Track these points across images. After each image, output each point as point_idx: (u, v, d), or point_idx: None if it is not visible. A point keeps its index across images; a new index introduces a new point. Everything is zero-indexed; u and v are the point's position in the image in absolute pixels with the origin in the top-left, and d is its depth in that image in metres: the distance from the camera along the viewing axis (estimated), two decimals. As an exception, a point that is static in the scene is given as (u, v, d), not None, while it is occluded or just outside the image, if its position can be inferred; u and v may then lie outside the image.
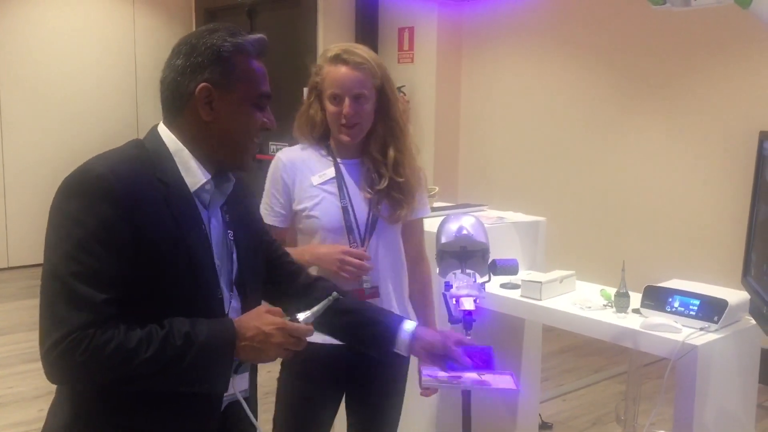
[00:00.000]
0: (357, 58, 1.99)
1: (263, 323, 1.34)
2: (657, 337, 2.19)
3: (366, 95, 2.00)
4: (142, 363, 1.24)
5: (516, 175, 5.69)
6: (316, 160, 2.09)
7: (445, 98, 5.96)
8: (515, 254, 2.81)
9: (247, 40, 1.41)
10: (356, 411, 2.18)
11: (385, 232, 2.09)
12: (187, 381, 1.31)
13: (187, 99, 1.37)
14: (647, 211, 4.89)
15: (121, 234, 1.26)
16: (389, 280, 2.11)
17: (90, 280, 1.23)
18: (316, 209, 2.04)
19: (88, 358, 1.21)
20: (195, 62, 1.36)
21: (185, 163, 1.39)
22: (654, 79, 4.83)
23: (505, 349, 2.94)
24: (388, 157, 2.04)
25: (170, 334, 1.27)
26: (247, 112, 1.40)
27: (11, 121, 6.40)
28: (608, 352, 4.69)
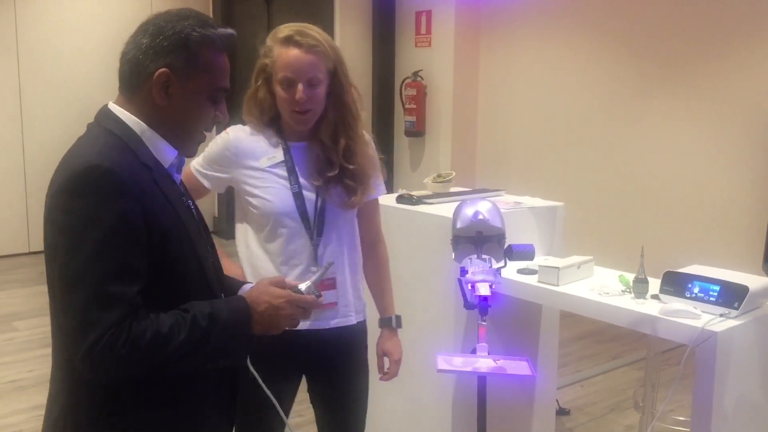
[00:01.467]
0: (310, 40, 1.92)
1: (272, 297, 1.41)
2: (676, 324, 2.16)
3: (320, 79, 1.94)
4: (177, 347, 1.28)
5: (534, 160, 5.65)
6: (264, 143, 2.03)
7: (463, 82, 5.92)
8: (532, 239, 2.79)
9: (217, 33, 1.41)
10: (320, 396, 2.16)
11: (339, 218, 2.03)
12: (213, 359, 1.36)
13: (145, 79, 1.37)
14: (667, 196, 4.84)
15: (138, 224, 1.28)
16: (345, 268, 2.06)
17: (120, 276, 1.25)
18: (267, 192, 1.99)
19: (129, 350, 1.23)
20: (159, 45, 1.36)
21: (154, 144, 1.40)
22: (674, 63, 4.76)
23: (522, 335, 2.92)
24: (339, 145, 1.99)
25: (196, 317, 1.31)
26: (202, 103, 1.41)
27: (32, 113, 6.45)
28: (627, 338, 4.66)
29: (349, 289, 2.07)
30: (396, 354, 2.14)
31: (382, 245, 2.21)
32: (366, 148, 2.05)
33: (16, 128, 6.47)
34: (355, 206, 2.04)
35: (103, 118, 1.40)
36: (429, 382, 2.81)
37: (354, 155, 2.00)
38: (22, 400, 3.74)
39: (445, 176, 3.30)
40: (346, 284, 2.07)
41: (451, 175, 3.31)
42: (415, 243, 2.90)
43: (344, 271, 2.06)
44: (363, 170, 2.02)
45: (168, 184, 1.40)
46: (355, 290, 2.10)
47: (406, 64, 6.13)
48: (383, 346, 2.14)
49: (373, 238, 2.18)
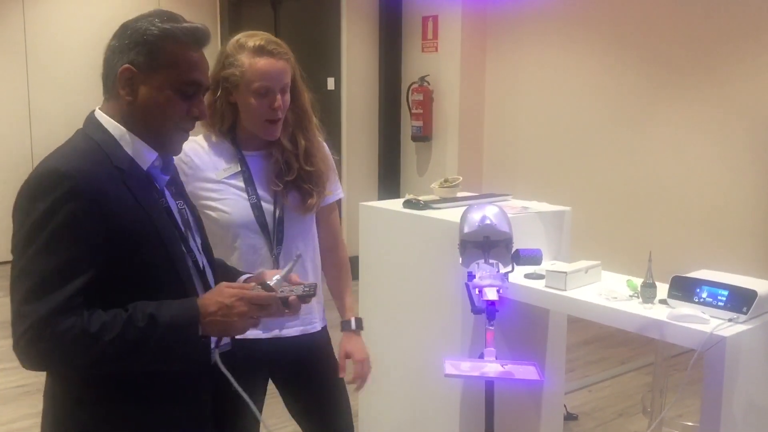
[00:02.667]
0: (280, 48, 1.96)
1: (224, 296, 1.39)
2: (684, 329, 2.15)
3: (289, 85, 1.98)
4: (106, 346, 1.29)
5: (541, 165, 5.65)
6: (219, 153, 2.01)
7: (470, 87, 5.92)
8: (540, 244, 2.79)
9: (179, 27, 1.43)
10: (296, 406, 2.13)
11: (298, 225, 2.03)
12: (156, 361, 1.36)
13: (114, 79, 1.42)
14: (674, 200, 4.83)
15: (91, 226, 1.31)
16: (308, 275, 2.05)
17: (60, 274, 1.28)
18: (225, 204, 1.97)
19: (51, 346, 1.27)
20: (123, 43, 1.41)
21: (131, 146, 1.43)
22: (681, 69, 4.75)
23: (530, 340, 2.92)
24: (299, 147, 2.00)
25: (133, 317, 1.32)
26: (169, 98, 1.42)
27: (40, 113, 6.48)
28: (634, 343, 4.64)
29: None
30: (358, 354, 2.12)
31: (341, 248, 2.21)
32: (322, 150, 2.08)
33: (25, 128, 6.49)
34: (313, 210, 2.05)
35: (87, 123, 1.46)
36: (436, 387, 2.81)
37: (312, 157, 2.03)
38: (30, 405, 3.75)
39: (452, 181, 3.30)
40: None
41: (458, 180, 3.31)
42: (421, 248, 2.90)
43: (306, 278, 2.03)
44: (320, 173, 2.04)
45: (142, 186, 1.43)
46: (318, 297, 2.09)
47: (412, 69, 6.14)
48: (345, 347, 2.13)
49: (332, 242, 2.19)
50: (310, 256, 2.09)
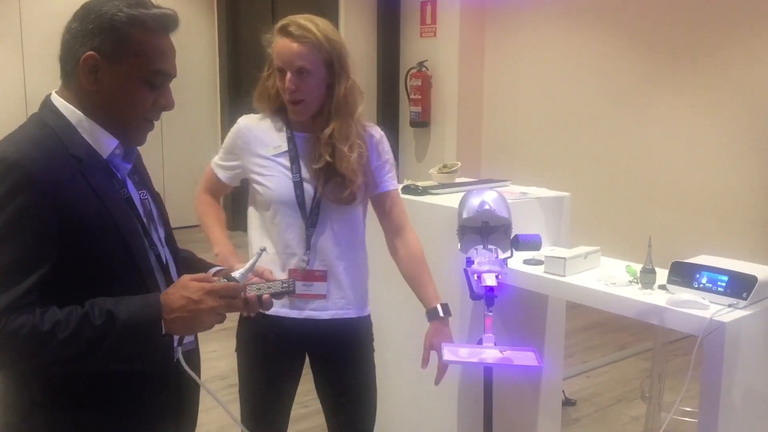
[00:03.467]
0: (301, 30, 1.93)
1: (190, 291, 1.31)
2: (684, 314, 2.14)
3: (309, 70, 1.93)
4: (60, 344, 1.22)
5: (540, 150, 5.63)
6: (272, 131, 2.07)
7: (468, 72, 5.88)
8: (539, 230, 2.77)
9: (148, 13, 1.34)
10: (324, 387, 2.16)
11: (333, 212, 2.02)
12: (116, 359, 1.28)
13: (75, 65, 1.33)
14: (674, 185, 4.81)
15: (44, 218, 1.24)
16: (341, 263, 2.05)
17: (11, 269, 1.23)
18: (269, 180, 2.02)
19: (1, 344, 1.21)
20: (86, 28, 1.32)
21: (91, 133, 1.36)
22: (681, 51, 4.72)
23: (528, 326, 2.91)
24: (323, 135, 1.98)
25: (89, 314, 1.25)
26: (135, 87, 1.35)
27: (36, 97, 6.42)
28: (633, 328, 4.65)
29: (344, 283, 2.06)
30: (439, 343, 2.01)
31: (410, 236, 2.15)
32: (344, 144, 1.99)
33: (21, 113, 6.42)
34: (346, 202, 2.01)
35: (42, 108, 1.39)
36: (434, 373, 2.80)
37: (337, 149, 1.98)
38: None
39: (450, 167, 3.29)
40: (341, 278, 2.06)
41: (456, 166, 3.30)
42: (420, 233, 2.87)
43: (339, 265, 2.05)
44: (348, 165, 1.98)
45: (100, 176, 1.35)
46: (354, 285, 2.09)
47: (411, 55, 6.10)
48: (431, 339, 2.04)
49: (394, 232, 2.15)
50: (349, 246, 2.07)
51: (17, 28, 6.50)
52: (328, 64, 1.96)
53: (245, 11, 7.32)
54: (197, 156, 7.64)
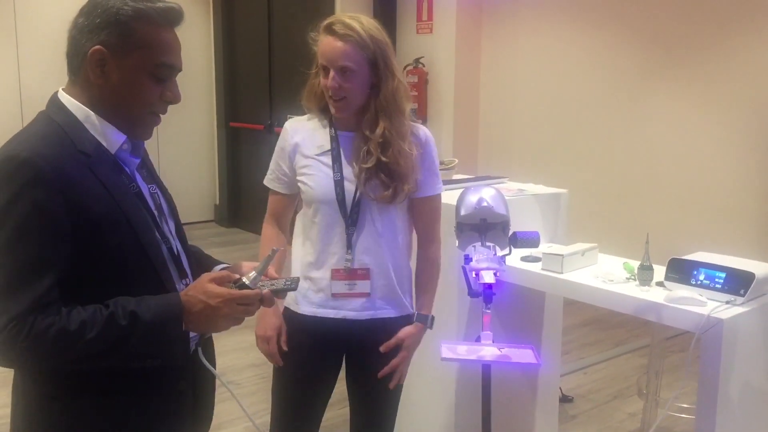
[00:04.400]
0: (346, 29, 1.93)
1: (209, 297, 1.33)
2: (681, 311, 2.14)
3: (352, 68, 1.93)
4: (87, 344, 1.24)
5: (537, 147, 5.62)
6: (318, 130, 2.08)
7: (465, 69, 5.88)
8: (536, 227, 2.77)
9: (153, 6, 1.35)
10: (356, 384, 2.18)
11: (374, 211, 2.03)
12: (137, 358, 1.31)
13: (82, 59, 1.34)
14: (671, 182, 4.81)
15: (56, 215, 1.25)
16: (386, 260, 2.05)
17: (30, 267, 1.23)
18: (312, 179, 2.03)
19: (30, 344, 1.22)
20: (93, 23, 1.33)
21: (98, 128, 1.37)
22: (677, 47, 4.72)
23: (526, 323, 2.91)
24: (375, 135, 1.97)
25: (115, 314, 1.27)
26: (142, 80, 1.36)
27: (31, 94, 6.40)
28: (629, 325, 4.65)
29: (386, 282, 2.07)
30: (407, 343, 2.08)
31: (432, 245, 2.16)
32: (403, 142, 1.99)
33: (16, 110, 6.41)
34: (389, 201, 2.01)
35: (50, 105, 1.39)
36: (432, 370, 2.80)
37: (390, 148, 1.98)
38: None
39: (447, 163, 3.28)
40: (383, 277, 2.06)
41: (453, 163, 3.29)
42: (417, 231, 2.88)
43: (380, 265, 2.05)
44: (398, 164, 1.98)
45: (110, 170, 1.36)
46: (395, 284, 2.08)
47: (407, 51, 6.09)
48: (404, 335, 2.08)
49: (425, 238, 2.16)
50: (390, 245, 2.06)
51: (12, 26, 6.46)
52: (371, 63, 1.96)
53: (241, 7, 7.30)
54: (193, 152, 7.65)
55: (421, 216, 2.14)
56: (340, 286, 2.02)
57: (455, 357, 1.68)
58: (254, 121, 7.07)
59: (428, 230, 2.16)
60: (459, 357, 1.69)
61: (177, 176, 7.05)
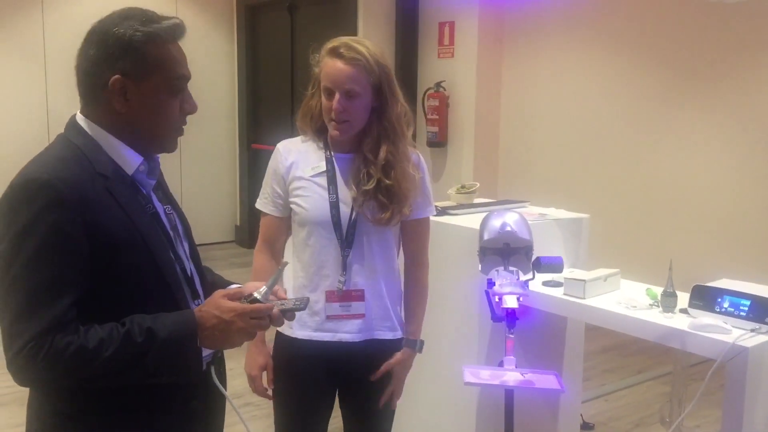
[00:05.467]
0: (353, 53, 1.94)
1: (222, 311, 1.35)
2: (706, 338, 2.13)
3: (358, 92, 1.95)
4: (104, 362, 1.26)
5: (557, 171, 5.61)
6: (312, 152, 2.07)
7: (486, 93, 5.90)
8: (558, 251, 2.77)
9: (160, 26, 1.38)
10: (350, 406, 2.17)
11: (371, 233, 2.03)
12: (153, 374, 1.33)
13: (101, 89, 1.37)
14: (694, 208, 4.78)
15: (75, 236, 1.27)
16: (380, 282, 2.05)
17: (49, 289, 1.25)
18: (306, 201, 2.03)
19: (49, 363, 1.24)
20: (106, 53, 1.35)
21: (115, 151, 1.39)
22: (700, 74, 4.71)
23: (547, 348, 2.89)
24: (379, 158, 1.98)
25: (131, 332, 1.29)
26: (163, 100, 1.39)
27: (58, 115, 6.52)
28: (651, 352, 4.60)
29: (381, 304, 2.06)
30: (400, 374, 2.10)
31: (422, 269, 2.17)
32: (407, 165, 2.02)
33: (43, 130, 6.52)
34: (385, 223, 2.01)
35: (69, 129, 1.42)
36: (452, 395, 2.79)
37: (393, 171, 1.99)
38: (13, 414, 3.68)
39: (469, 187, 3.29)
40: (377, 299, 2.05)
41: (475, 186, 3.30)
42: (439, 254, 2.87)
43: (374, 286, 2.05)
44: (400, 187, 1.99)
45: (127, 192, 1.39)
46: (389, 306, 2.08)
47: (428, 75, 6.13)
48: (395, 359, 2.09)
49: (413, 260, 2.16)
50: (384, 266, 2.07)
51: (40, 46, 6.59)
52: (375, 88, 1.97)
53: (264, 29, 7.39)
54: (215, 173, 7.72)
55: (413, 238, 2.14)
56: (335, 308, 2.01)
57: (478, 382, 1.68)
58: (276, 142, 7.07)
59: (418, 253, 2.16)
60: (482, 382, 1.69)
61: (198, 197, 7.12)
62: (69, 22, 6.51)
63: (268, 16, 7.29)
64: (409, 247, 2.15)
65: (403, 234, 2.13)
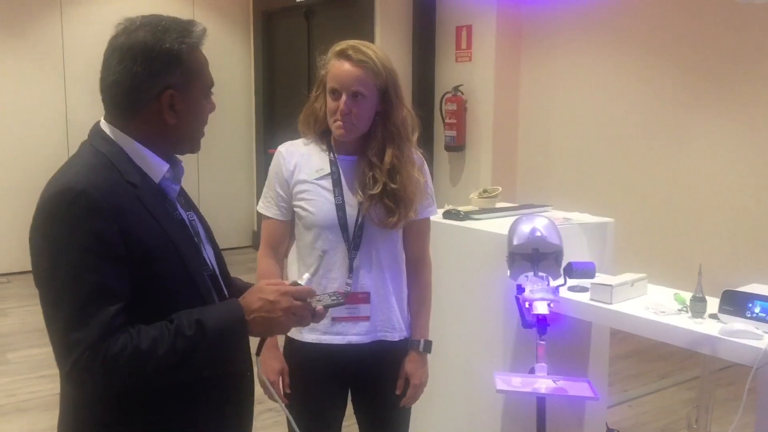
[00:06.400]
0: (361, 55, 1.95)
1: (265, 293, 1.37)
2: (738, 344, 2.09)
3: (364, 94, 1.95)
4: (160, 360, 1.27)
5: (576, 175, 5.58)
6: (315, 155, 2.07)
7: (504, 97, 5.87)
8: (583, 256, 2.74)
9: (194, 35, 1.41)
10: (363, 409, 2.16)
11: (377, 236, 2.02)
12: (208, 366, 1.35)
13: (147, 103, 1.37)
14: (720, 211, 4.72)
15: (114, 243, 1.28)
16: (387, 283, 2.05)
17: (97, 296, 1.26)
18: (312, 204, 2.02)
19: (107, 369, 1.25)
20: (155, 68, 1.36)
21: (142, 158, 1.40)
22: (722, 73, 4.66)
23: (572, 353, 2.86)
24: (384, 162, 1.98)
25: (180, 326, 1.30)
26: (202, 106, 1.44)
27: (77, 123, 6.56)
28: (675, 357, 4.55)
29: (387, 305, 2.06)
30: (416, 378, 2.09)
31: (425, 268, 2.16)
32: (412, 169, 2.02)
33: (62, 138, 6.56)
34: (392, 227, 2.01)
35: (93, 136, 1.42)
36: (478, 400, 2.77)
37: (398, 175, 1.99)
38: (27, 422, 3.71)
39: (491, 191, 3.27)
40: (384, 300, 2.05)
41: (497, 191, 3.28)
42: (463, 259, 2.87)
43: (381, 288, 2.05)
44: (406, 191, 2.00)
45: (155, 199, 1.40)
46: (396, 307, 2.08)
47: (446, 79, 6.11)
48: (407, 367, 2.10)
49: (416, 259, 2.15)
50: (391, 268, 2.07)
51: (59, 50, 6.63)
52: (381, 91, 1.98)
53: (281, 35, 7.41)
54: (232, 178, 7.74)
55: (416, 238, 2.13)
56: (340, 310, 1.99)
57: (510, 389, 1.67)
58: (293, 148, 7.11)
59: (421, 252, 2.15)
60: (514, 389, 1.67)
61: (216, 202, 7.14)
62: (89, 28, 6.56)
63: (284, 21, 7.31)
64: (411, 246, 2.14)
65: (405, 234, 2.12)
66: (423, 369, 2.12)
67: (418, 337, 2.11)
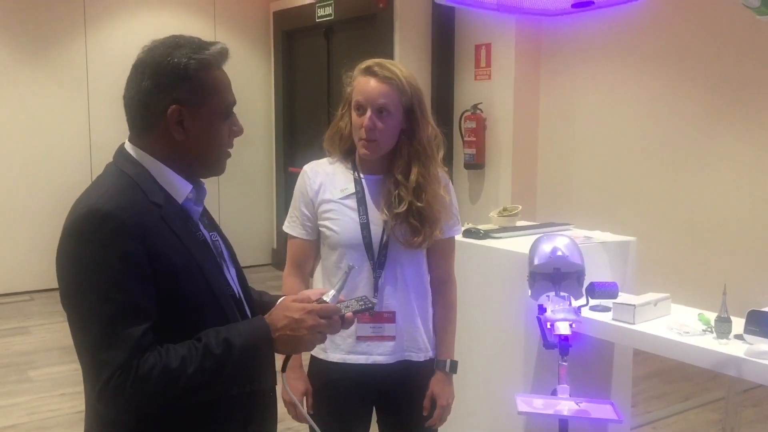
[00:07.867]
0: (386, 72, 1.96)
1: (291, 311, 1.38)
2: (765, 366, 2.06)
3: (389, 110, 1.95)
4: (189, 378, 1.28)
5: (597, 194, 5.54)
6: (340, 174, 2.07)
7: (523, 115, 5.86)
8: (605, 276, 2.71)
9: (210, 53, 1.40)
10: (389, 429, 2.15)
11: (402, 255, 2.01)
12: (235, 384, 1.34)
13: (157, 119, 1.38)
14: (743, 231, 4.66)
15: (142, 263, 1.29)
16: (412, 303, 2.04)
17: (126, 317, 1.26)
18: (336, 224, 2.02)
19: (138, 389, 1.25)
20: (162, 82, 1.36)
21: (166, 179, 1.41)
22: (746, 88, 4.61)
23: (595, 374, 2.83)
24: (410, 181, 1.97)
25: (209, 345, 1.30)
26: (217, 125, 1.42)
27: (101, 143, 6.63)
28: (698, 377, 4.48)
29: (413, 325, 2.05)
30: (443, 399, 2.08)
31: (450, 287, 2.15)
32: (438, 187, 2.01)
33: (85, 158, 6.62)
34: (418, 246, 2.00)
35: (118, 158, 1.43)
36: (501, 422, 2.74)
37: (424, 193, 1.98)
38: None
39: (511, 210, 3.26)
40: (409, 320, 2.04)
41: (517, 209, 3.27)
42: (484, 278, 2.85)
43: (406, 308, 2.03)
44: (431, 210, 1.99)
45: (179, 220, 1.40)
46: (421, 327, 2.07)
47: (465, 97, 6.12)
48: (433, 388, 2.08)
49: (441, 278, 2.13)
50: (416, 287, 2.06)
51: (83, 75, 6.72)
52: (406, 108, 1.98)
53: (301, 54, 7.46)
54: (252, 196, 7.78)
55: (441, 257, 2.11)
56: (366, 329, 2.00)
57: (532, 411, 1.64)
58: (312, 166, 7.14)
59: (447, 271, 2.14)
60: (536, 411, 1.65)
61: (236, 220, 7.16)
62: (112, 51, 6.64)
63: (304, 41, 7.37)
64: (436, 265, 2.13)
65: (430, 253, 2.11)
66: (449, 389, 2.10)
67: (444, 357, 2.10)
